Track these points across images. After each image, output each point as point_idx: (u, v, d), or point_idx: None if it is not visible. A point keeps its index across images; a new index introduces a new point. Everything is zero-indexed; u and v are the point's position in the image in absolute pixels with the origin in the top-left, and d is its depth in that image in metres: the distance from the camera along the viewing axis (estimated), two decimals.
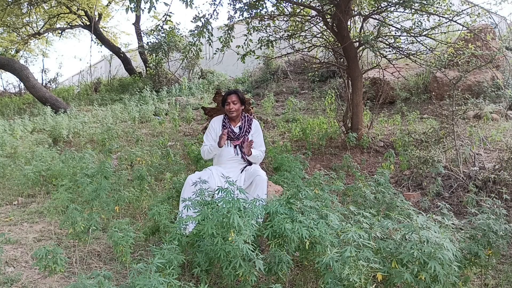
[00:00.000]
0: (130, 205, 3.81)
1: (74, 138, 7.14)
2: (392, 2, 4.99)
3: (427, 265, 1.86)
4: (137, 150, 5.39)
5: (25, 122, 7.65)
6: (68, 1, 11.27)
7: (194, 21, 4.85)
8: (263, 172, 3.25)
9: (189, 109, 8.66)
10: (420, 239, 1.94)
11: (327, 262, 1.93)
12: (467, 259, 2.23)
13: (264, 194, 3.03)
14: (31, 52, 14.38)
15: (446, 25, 5.21)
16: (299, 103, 8.47)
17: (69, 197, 3.41)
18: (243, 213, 2.14)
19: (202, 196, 2.55)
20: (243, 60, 5.67)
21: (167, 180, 4.36)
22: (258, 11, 5.20)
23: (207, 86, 11.18)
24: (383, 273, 1.98)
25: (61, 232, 3.36)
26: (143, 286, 1.74)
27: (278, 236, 2.21)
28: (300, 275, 2.52)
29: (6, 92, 14.29)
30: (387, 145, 5.65)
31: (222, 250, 2.06)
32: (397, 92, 7.66)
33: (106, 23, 14.08)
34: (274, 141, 6.04)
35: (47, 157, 5.05)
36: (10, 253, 2.91)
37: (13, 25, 12.16)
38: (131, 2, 4.36)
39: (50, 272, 2.22)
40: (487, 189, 3.73)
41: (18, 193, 4.46)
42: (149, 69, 12.01)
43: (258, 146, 3.44)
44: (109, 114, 8.50)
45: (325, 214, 2.44)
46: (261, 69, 11.23)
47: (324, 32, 5.92)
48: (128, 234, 2.49)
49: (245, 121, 3.51)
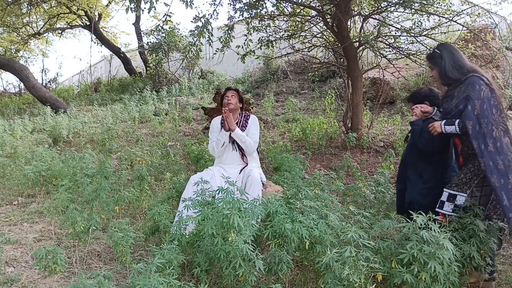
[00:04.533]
0: (130, 205, 3.80)
1: (74, 138, 7.13)
2: (392, 2, 4.99)
3: (427, 265, 1.86)
4: (137, 150, 5.39)
5: (25, 122, 7.65)
6: (68, 1, 11.27)
7: (194, 21, 4.85)
8: (257, 172, 3.25)
9: (189, 109, 8.66)
10: (420, 239, 1.94)
11: (327, 262, 1.93)
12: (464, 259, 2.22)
13: (256, 194, 3.02)
14: (31, 52, 14.38)
15: (446, 25, 5.21)
16: (299, 103, 8.47)
17: (69, 197, 3.41)
18: (243, 213, 2.14)
19: (203, 196, 2.55)
20: (243, 60, 5.66)
21: (167, 180, 4.36)
22: (258, 11, 5.19)
23: (207, 86, 11.18)
24: (383, 273, 1.98)
25: (61, 232, 3.36)
26: (143, 286, 1.74)
27: (278, 236, 2.21)
28: (300, 275, 2.52)
29: (6, 92, 14.29)
30: (387, 145, 5.65)
31: (222, 250, 2.06)
32: (397, 92, 7.65)
33: (106, 23, 14.08)
34: (274, 141, 6.03)
35: (47, 157, 5.04)
36: (10, 253, 2.91)
37: (13, 25, 12.15)
38: (131, 2, 4.37)
39: (50, 272, 2.22)
40: None
41: (18, 193, 4.46)
42: (149, 69, 12.01)
43: (251, 136, 3.46)
44: (109, 114, 8.50)
45: (325, 214, 2.44)
46: (261, 69, 11.23)
47: (324, 32, 5.92)
48: (128, 234, 2.49)
49: (242, 116, 3.57)
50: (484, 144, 2.29)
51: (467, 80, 2.43)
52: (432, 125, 2.51)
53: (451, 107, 2.47)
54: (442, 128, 2.45)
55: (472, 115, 2.32)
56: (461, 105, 2.40)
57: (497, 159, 2.28)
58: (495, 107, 2.36)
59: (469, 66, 2.50)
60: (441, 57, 2.55)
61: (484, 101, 2.33)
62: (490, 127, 2.30)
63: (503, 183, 2.26)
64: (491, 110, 2.34)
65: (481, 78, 2.40)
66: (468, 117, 2.32)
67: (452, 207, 2.39)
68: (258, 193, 3.06)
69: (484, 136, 2.30)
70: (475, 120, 2.31)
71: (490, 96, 2.36)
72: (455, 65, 2.50)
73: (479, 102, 2.32)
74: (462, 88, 2.45)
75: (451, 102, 2.49)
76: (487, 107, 2.32)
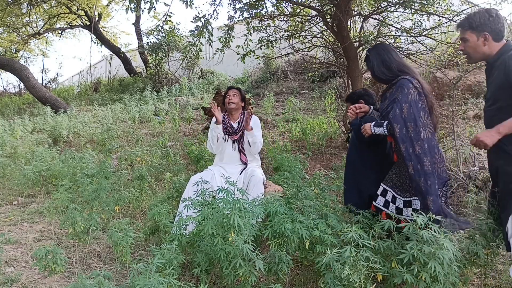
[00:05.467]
0: (130, 205, 3.80)
1: (74, 138, 7.13)
2: (392, 2, 4.99)
3: (427, 265, 1.86)
4: (137, 150, 5.39)
5: (25, 122, 7.65)
6: (68, 1, 11.27)
7: (194, 21, 4.84)
8: (259, 173, 3.26)
9: (189, 109, 8.66)
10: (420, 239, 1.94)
11: (327, 262, 1.93)
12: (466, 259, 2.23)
13: (261, 193, 3.04)
14: (31, 52, 14.38)
15: (446, 25, 5.21)
16: (299, 103, 8.47)
17: (69, 197, 3.41)
18: (244, 213, 2.14)
19: (203, 196, 2.55)
20: (243, 60, 5.66)
21: (167, 180, 4.36)
22: (258, 11, 5.19)
23: (207, 86, 11.17)
24: (383, 273, 1.98)
25: (61, 232, 3.36)
26: (143, 286, 1.74)
27: (278, 236, 2.21)
28: (300, 275, 2.52)
29: (6, 92, 14.29)
30: None
31: (222, 250, 2.06)
32: None
33: (106, 23, 14.08)
34: (274, 141, 6.03)
35: (47, 157, 5.04)
36: (10, 253, 2.91)
37: (13, 25, 12.15)
38: (131, 2, 4.36)
39: (50, 272, 2.22)
40: (487, 189, 3.73)
41: (18, 193, 4.45)
42: (149, 69, 12.00)
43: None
44: (109, 114, 8.50)
45: (325, 214, 2.44)
46: (261, 69, 11.22)
47: (324, 32, 5.92)
48: (128, 234, 2.49)
49: (244, 116, 3.54)
50: (411, 148, 2.36)
51: (398, 82, 2.50)
52: (363, 127, 2.59)
53: (383, 108, 2.54)
54: (372, 129, 2.52)
55: (399, 118, 2.38)
56: (389, 107, 2.47)
57: (424, 160, 2.36)
58: (423, 110, 2.43)
59: (397, 67, 2.55)
60: (370, 59, 2.65)
61: (412, 105, 2.39)
62: (417, 130, 2.37)
63: (430, 184, 2.34)
64: (418, 113, 2.40)
65: (411, 81, 2.46)
66: (396, 120, 2.38)
67: (410, 211, 2.47)
68: (262, 192, 3.08)
69: (411, 139, 2.37)
70: (402, 123, 2.37)
71: (418, 99, 2.42)
72: (383, 66, 2.58)
73: (406, 105, 2.38)
74: (393, 90, 2.53)
75: (384, 103, 2.57)
76: (414, 111, 2.38)
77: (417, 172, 2.34)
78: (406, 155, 2.37)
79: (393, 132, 2.39)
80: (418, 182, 2.34)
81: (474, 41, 2.23)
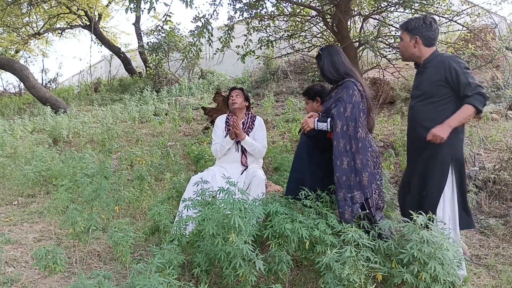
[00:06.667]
0: (130, 205, 3.80)
1: (74, 138, 7.13)
2: (392, 2, 4.99)
3: (427, 265, 1.86)
4: (137, 150, 5.39)
5: (25, 122, 7.65)
6: (68, 1, 11.27)
7: (194, 21, 4.85)
8: (261, 173, 3.26)
9: (189, 109, 8.66)
10: (420, 239, 1.94)
11: (327, 262, 1.93)
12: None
13: (263, 193, 3.05)
14: (31, 52, 14.39)
15: (446, 25, 5.21)
16: (299, 103, 8.47)
17: (69, 197, 3.41)
18: (244, 214, 2.14)
19: (203, 196, 2.55)
20: (243, 60, 5.66)
21: (167, 180, 4.35)
22: (258, 11, 5.20)
23: (207, 86, 11.17)
24: (383, 273, 1.98)
25: (61, 232, 3.36)
26: (143, 286, 1.74)
27: (278, 236, 2.21)
28: (300, 275, 2.52)
29: (6, 92, 14.29)
30: (387, 145, 5.65)
31: (223, 250, 2.06)
32: (397, 92, 7.65)
33: (106, 23, 14.08)
34: (274, 141, 6.03)
35: (47, 157, 5.04)
36: (10, 253, 2.91)
37: (13, 25, 12.15)
38: (131, 2, 4.36)
39: (50, 272, 2.22)
40: (487, 189, 3.73)
41: (18, 193, 4.45)
42: (149, 69, 12.00)
43: (260, 141, 3.46)
44: (109, 114, 8.50)
45: (325, 214, 2.45)
46: (261, 69, 11.22)
47: (324, 32, 5.92)
48: (128, 234, 2.49)
49: (249, 117, 3.54)
50: (349, 145, 2.55)
51: (344, 83, 2.69)
52: (306, 121, 2.70)
53: (328, 106, 2.71)
54: (314, 124, 2.66)
55: (342, 117, 2.56)
56: (333, 105, 2.63)
57: (357, 158, 2.55)
58: (363, 111, 2.62)
59: (344, 70, 2.73)
60: (321, 58, 2.81)
61: (355, 106, 2.58)
62: (356, 130, 2.56)
63: (358, 181, 2.53)
64: (359, 114, 2.59)
65: (355, 83, 2.64)
66: (339, 117, 2.55)
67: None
68: (264, 192, 3.08)
69: (350, 137, 2.55)
70: (344, 121, 2.55)
71: (360, 101, 2.61)
72: (332, 67, 2.76)
73: (350, 105, 2.57)
74: (338, 90, 2.71)
75: (329, 101, 2.74)
76: (356, 111, 2.57)
77: (349, 167, 2.53)
78: (343, 151, 2.54)
79: (335, 128, 2.55)
80: (349, 177, 2.53)
81: (407, 41, 2.53)
